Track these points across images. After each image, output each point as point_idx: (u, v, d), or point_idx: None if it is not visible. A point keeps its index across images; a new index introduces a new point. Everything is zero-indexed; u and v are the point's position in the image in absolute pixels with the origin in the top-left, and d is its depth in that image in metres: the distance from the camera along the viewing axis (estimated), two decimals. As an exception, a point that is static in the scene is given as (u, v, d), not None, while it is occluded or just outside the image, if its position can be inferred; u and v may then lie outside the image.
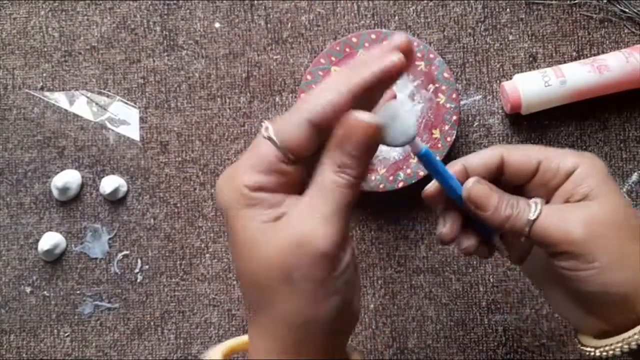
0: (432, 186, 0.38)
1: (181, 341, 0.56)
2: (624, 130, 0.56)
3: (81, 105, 0.58)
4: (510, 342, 0.55)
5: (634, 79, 0.54)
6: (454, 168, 0.37)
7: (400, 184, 0.53)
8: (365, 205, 0.56)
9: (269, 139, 0.31)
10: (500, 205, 0.36)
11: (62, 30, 0.59)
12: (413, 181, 0.53)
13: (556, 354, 0.54)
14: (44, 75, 0.58)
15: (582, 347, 0.37)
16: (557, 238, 0.35)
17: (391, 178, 0.53)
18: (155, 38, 0.58)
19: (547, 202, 0.37)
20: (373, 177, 0.54)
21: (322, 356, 0.32)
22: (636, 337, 0.34)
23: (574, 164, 0.36)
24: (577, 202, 0.36)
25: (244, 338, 0.38)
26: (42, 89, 0.58)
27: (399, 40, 0.32)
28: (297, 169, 0.31)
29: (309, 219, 0.30)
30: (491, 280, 0.55)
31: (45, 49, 0.59)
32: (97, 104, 0.57)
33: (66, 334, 0.57)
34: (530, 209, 0.36)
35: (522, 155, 0.37)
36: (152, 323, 0.56)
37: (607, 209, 0.35)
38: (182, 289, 0.57)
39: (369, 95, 0.32)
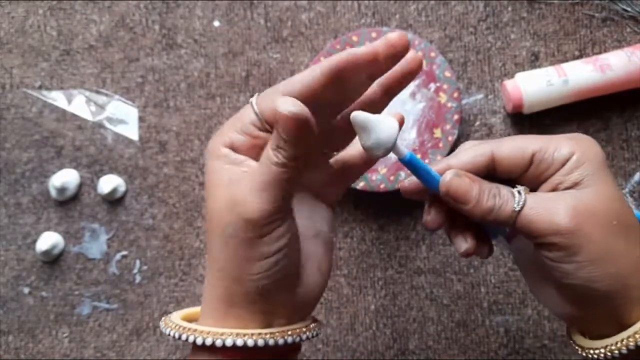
0: (410, 181, 0.37)
1: (180, 342, 0.56)
2: (626, 129, 0.56)
3: (79, 105, 0.57)
4: (511, 343, 0.54)
5: (637, 78, 0.53)
6: (438, 168, 0.35)
7: (401, 184, 0.53)
8: (366, 205, 0.56)
9: (251, 104, 0.34)
10: (482, 197, 0.34)
11: (60, 28, 0.58)
12: (414, 181, 0.53)
13: (558, 355, 0.54)
14: (42, 74, 0.58)
15: (575, 346, 0.36)
16: (543, 229, 0.33)
17: (392, 178, 0.53)
18: (154, 37, 0.58)
19: (535, 190, 0.35)
20: (374, 177, 0.53)
21: (256, 314, 0.34)
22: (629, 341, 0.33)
23: (570, 151, 0.34)
24: (567, 189, 0.34)
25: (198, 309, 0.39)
26: (40, 88, 0.58)
27: (392, 35, 0.34)
28: (268, 137, 0.34)
29: (245, 185, 0.33)
30: (493, 281, 0.55)
31: (44, 48, 0.58)
32: (95, 103, 0.57)
33: (64, 335, 0.56)
34: (514, 199, 0.34)
35: (514, 148, 0.35)
36: (150, 324, 0.56)
37: (599, 199, 0.33)
38: (181, 289, 0.56)
39: (347, 80, 0.34)
